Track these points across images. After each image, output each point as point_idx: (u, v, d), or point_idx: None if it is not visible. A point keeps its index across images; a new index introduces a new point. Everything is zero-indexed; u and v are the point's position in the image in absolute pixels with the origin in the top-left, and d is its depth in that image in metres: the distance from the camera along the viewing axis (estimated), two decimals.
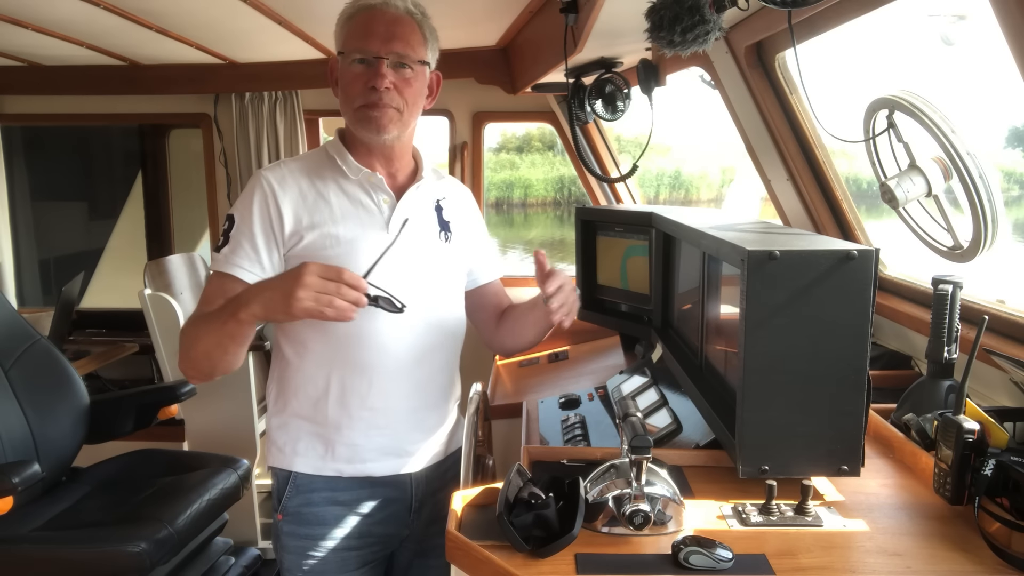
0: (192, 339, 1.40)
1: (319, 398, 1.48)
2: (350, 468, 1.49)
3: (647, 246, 2.08)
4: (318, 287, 1.24)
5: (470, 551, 1.15)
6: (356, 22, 1.44)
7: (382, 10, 1.44)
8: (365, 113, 1.44)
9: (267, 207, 1.44)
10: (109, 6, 2.30)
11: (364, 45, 1.42)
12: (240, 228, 1.45)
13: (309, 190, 1.47)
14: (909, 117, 1.57)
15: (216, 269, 1.46)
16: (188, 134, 4.19)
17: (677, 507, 1.21)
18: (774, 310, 1.19)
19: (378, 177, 1.49)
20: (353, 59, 1.43)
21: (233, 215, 1.47)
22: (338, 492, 1.50)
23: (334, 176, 1.49)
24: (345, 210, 1.47)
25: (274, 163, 1.54)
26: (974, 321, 1.45)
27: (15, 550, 2.18)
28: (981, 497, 1.19)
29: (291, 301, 1.24)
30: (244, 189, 1.50)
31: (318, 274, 1.24)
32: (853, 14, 1.59)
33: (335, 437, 1.48)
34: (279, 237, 1.44)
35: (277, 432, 1.53)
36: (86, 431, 2.62)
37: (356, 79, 1.43)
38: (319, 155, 1.54)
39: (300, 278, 1.24)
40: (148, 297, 3.03)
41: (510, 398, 2.43)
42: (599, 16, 1.67)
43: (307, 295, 1.23)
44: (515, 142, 19.79)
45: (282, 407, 1.53)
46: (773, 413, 1.22)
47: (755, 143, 2.15)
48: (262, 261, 1.44)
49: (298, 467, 1.50)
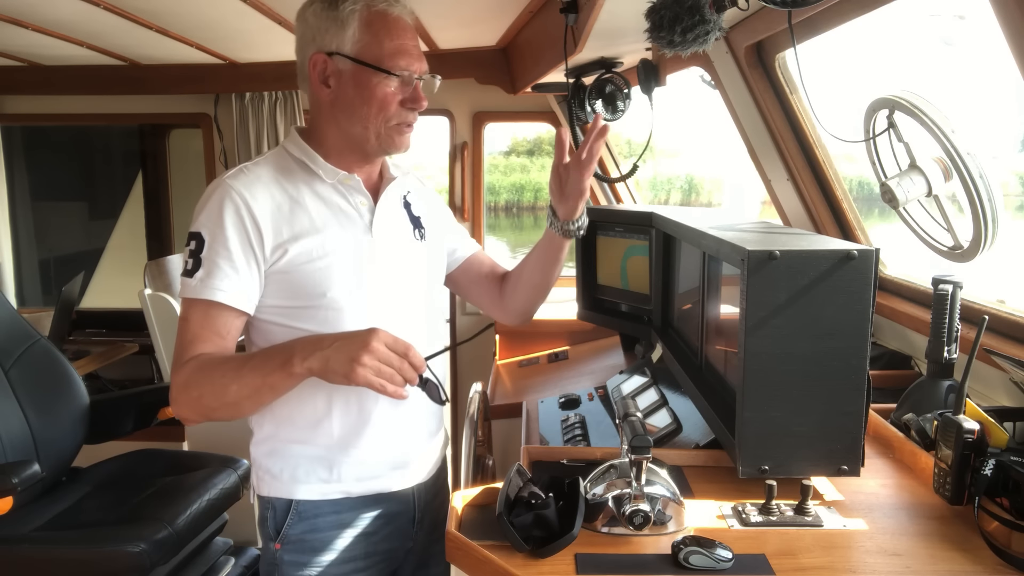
0: (215, 386, 1.26)
1: (320, 420, 1.39)
2: (360, 487, 1.42)
3: (647, 246, 2.08)
4: (383, 357, 1.18)
5: (470, 551, 1.15)
6: (382, 29, 1.35)
7: (402, 19, 1.37)
8: (399, 131, 1.38)
9: (241, 221, 1.30)
10: (109, 6, 2.30)
11: (407, 64, 1.35)
12: (213, 247, 1.30)
13: (283, 197, 1.35)
14: (909, 117, 1.57)
15: (192, 297, 1.30)
16: (188, 134, 4.19)
17: (677, 507, 1.21)
18: (774, 310, 1.19)
19: (356, 179, 1.41)
20: (395, 75, 1.34)
21: (200, 233, 1.31)
22: (344, 514, 1.42)
23: (306, 180, 1.39)
24: (324, 217, 1.37)
25: (235, 170, 1.37)
26: (974, 321, 1.45)
27: (15, 550, 2.17)
28: (981, 497, 1.19)
29: (355, 366, 1.17)
30: (205, 201, 1.33)
31: (386, 343, 1.19)
32: (853, 14, 1.59)
33: (341, 458, 1.40)
34: (259, 253, 1.32)
35: (268, 459, 1.43)
36: (86, 431, 2.62)
37: (392, 96, 1.35)
38: (282, 157, 1.42)
39: (368, 343, 1.17)
40: (148, 297, 3.04)
41: (510, 398, 2.43)
42: (599, 16, 1.67)
43: (372, 363, 1.17)
44: (525, 145, 19.76)
45: (270, 434, 1.42)
46: (773, 413, 1.22)
47: (755, 143, 2.15)
48: (245, 283, 1.31)
49: (300, 495, 1.40)
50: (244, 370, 1.25)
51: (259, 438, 1.44)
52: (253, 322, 1.38)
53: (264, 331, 1.38)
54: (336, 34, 1.35)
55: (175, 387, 1.29)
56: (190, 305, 1.31)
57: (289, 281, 1.34)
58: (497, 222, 18.50)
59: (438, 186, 2.69)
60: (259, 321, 1.37)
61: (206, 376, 1.27)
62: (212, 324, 1.30)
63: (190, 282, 1.30)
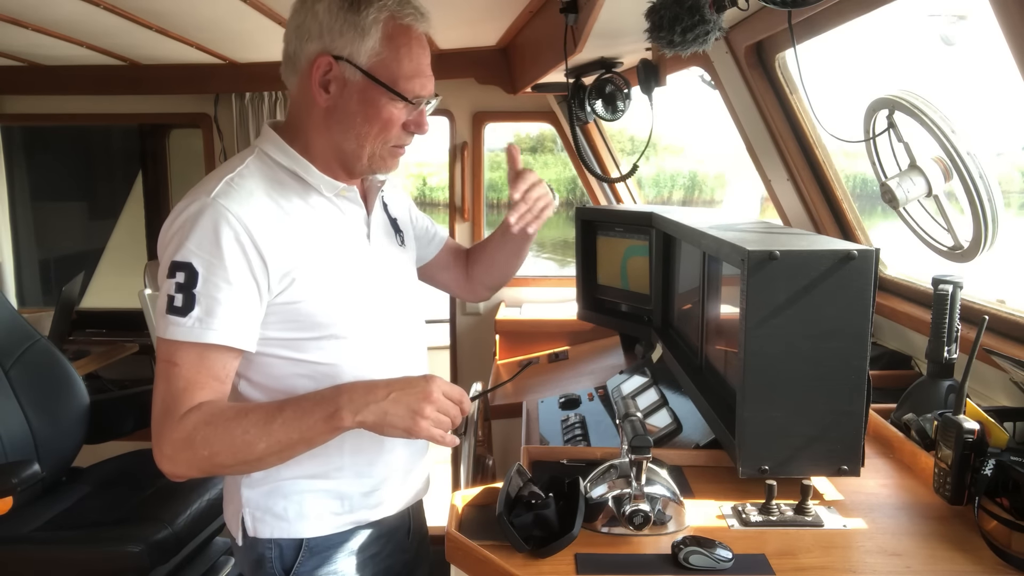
0: (236, 444, 1.11)
1: (332, 454, 1.28)
2: (369, 515, 1.36)
3: (647, 246, 2.09)
4: (443, 408, 1.12)
5: (470, 551, 1.15)
6: (404, 47, 1.23)
7: (420, 36, 1.26)
8: (395, 154, 1.29)
9: (242, 248, 1.15)
10: (109, 6, 2.30)
11: (418, 88, 1.25)
12: (211, 281, 1.13)
13: (280, 215, 1.21)
14: (909, 117, 1.57)
15: (184, 340, 1.12)
16: (188, 134, 4.19)
17: (677, 507, 1.21)
18: (774, 310, 1.19)
19: (354, 190, 1.32)
20: (408, 100, 1.24)
21: (191, 263, 1.13)
22: (352, 541, 1.36)
23: (299, 193, 1.26)
24: (323, 233, 1.26)
25: (223, 185, 1.18)
26: (974, 321, 1.45)
27: (15, 550, 2.18)
28: (981, 497, 1.19)
29: (418, 419, 1.11)
30: (192, 224, 1.14)
31: (444, 392, 1.13)
32: (853, 14, 1.59)
33: (354, 489, 1.32)
34: (264, 284, 1.17)
35: (268, 500, 1.29)
36: (86, 431, 2.62)
37: (395, 117, 1.25)
38: (266, 164, 1.27)
39: (430, 394, 1.12)
40: (148, 297, 3.04)
41: (510, 398, 2.43)
42: (599, 16, 1.66)
43: (433, 415, 1.11)
44: (529, 142, 19.74)
45: (271, 473, 1.26)
46: (773, 413, 1.22)
47: (755, 143, 2.15)
48: (249, 319, 1.17)
49: (311, 532, 1.30)
50: (275, 425, 1.12)
51: (253, 479, 1.29)
52: (249, 357, 1.23)
53: (262, 365, 1.25)
54: (352, 40, 1.21)
55: (172, 443, 1.12)
56: (180, 348, 1.13)
57: (296, 311, 1.22)
58: (500, 219, 18.54)
59: (438, 185, 2.69)
60: (257, 356, 1.23)
61: (221, 432, 1.11)
62: (210, 368, 1.14)
63: (183, 322, 1.12)
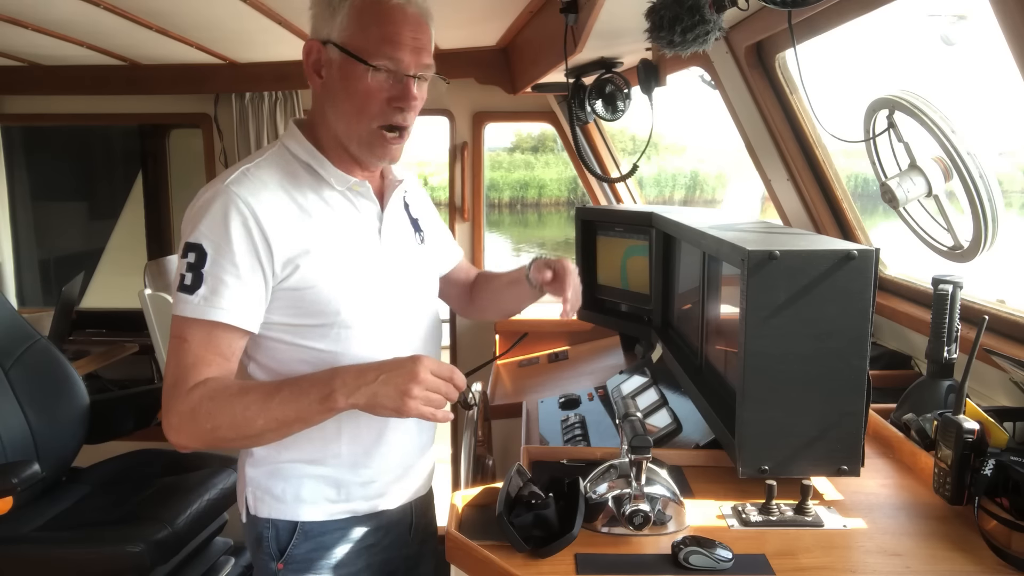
0: (237, 419, 1.17)
1: (328, 442, 1.32)
2: (366, 505, 1.39)
3: (647, 246, 2.09)
4: (431, 385, 1.15)
5: (470, 551, 1.15)
6: (373, 16, 1.23)
7: (401, 8, 1.24)
8: (382, 136, 1.27)
9: (249, 233, 1.20)
10: (109, 6, 2.30)
11: (394, 54, 1.22)
12: (218, 262, 1.19)
13: (290, 205, 1.26)
14: (909, 117, 1.57)
15: (192, 316, 1.19)
16: (188, 134, 4.18)
17: (677, 507, 1.21)
18: (774, 310, 1.19)
19: (366, 186, 1.33)
20: (374, 67, 1.22)
21: (202, 245, 1.19)
22: (348, 530, 1.38)
23: (313, 186, 1.29)
24: (335, 227, 1.29)
25: (237, 173, 1.25)
26: (974, 321, 1.45)
27: (15, 550, 2.18)
28: (981, 497, 1.19)
29: (405, 399, 1.13)
30: (206, 209, 1.21)
31: (432, 371, 1.15)
32: (853, 14, 1.59)
33: (350, 478, 1.35)
34: (268, 269, 1.22)
35: (268, 480, 1.35)
36: (86, 431, 2.62)
37: (376, 92, 1.24)
38: (284, 158, 1.31)
39: (417, 374, 1.14)
40: (148, 297, 3.04)
41: (510, 398, 2.43)
42: (599, 16, 1.66)
43: (422, 393, 1.14)
44: (530, 142, 19.74)
45: (271, 455, 1.34)
46: (773, 413, 1.22)
47: (755, 143, 2.15)
48: (252, 301, 1.22)
49: (306, 516, 1.34)
50: (273, 403, 1.17)
51: (257, 458, 1.36)
52: (256, 339, 1.28)
53: (268, 349, 1.30)
54: (327, 20, 1.25)
55: (178, 415, 1.18)
56: (190, 324, 1.20)
57: (300, 298, 1.26)
58: (501, 219, 18.50)
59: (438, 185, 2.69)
60: (263, 339, 1.29)
61: (223, 407, 1.17)
62: (216, 346, 1.21)
63: (190, 299, 1.19)
